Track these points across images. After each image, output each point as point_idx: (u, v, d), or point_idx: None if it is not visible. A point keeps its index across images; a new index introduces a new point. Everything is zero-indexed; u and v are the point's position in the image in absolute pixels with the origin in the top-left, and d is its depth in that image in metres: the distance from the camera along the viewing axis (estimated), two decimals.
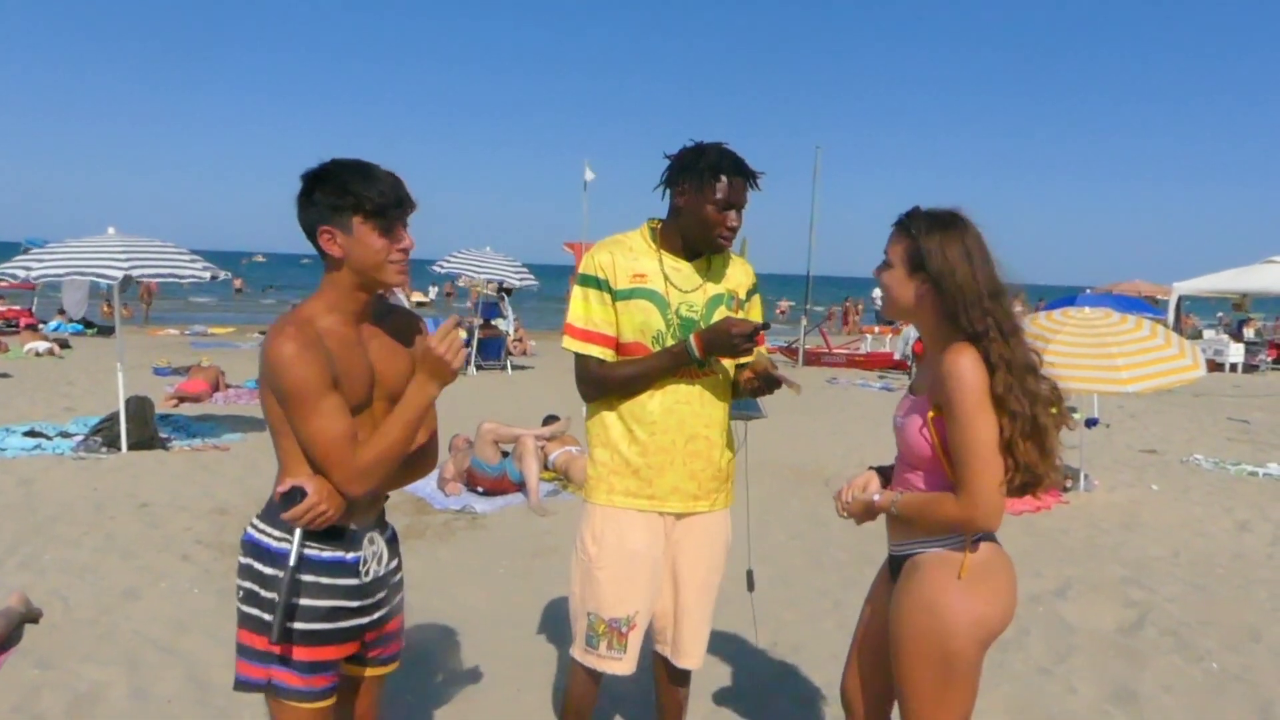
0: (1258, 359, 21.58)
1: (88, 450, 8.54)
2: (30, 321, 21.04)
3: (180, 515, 6.55)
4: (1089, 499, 7.85)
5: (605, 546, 2.79)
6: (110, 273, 8.41)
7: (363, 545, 2.24)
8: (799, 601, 5.11)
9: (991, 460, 2.19)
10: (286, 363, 2.04)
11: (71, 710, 3.68)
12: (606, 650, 2.81)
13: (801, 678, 4.17)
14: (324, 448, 2.08)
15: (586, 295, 2.79)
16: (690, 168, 2.69)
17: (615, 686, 3.91)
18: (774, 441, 9.96)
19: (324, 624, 2.18)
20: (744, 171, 2.71)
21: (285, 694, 2.17)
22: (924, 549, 2.34)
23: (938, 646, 2.25)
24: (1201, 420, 12.79)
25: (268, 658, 2.16)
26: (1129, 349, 7.30)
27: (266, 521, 2.20)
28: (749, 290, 2.95)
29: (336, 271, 2.16)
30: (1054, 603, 5.18)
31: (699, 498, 2.86)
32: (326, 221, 2.12)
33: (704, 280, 2.82)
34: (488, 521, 6.73)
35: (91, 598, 4.89)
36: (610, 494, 2.81)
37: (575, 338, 2.79)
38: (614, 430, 2.81)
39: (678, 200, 2.74)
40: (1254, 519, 7.29)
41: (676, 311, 2.76)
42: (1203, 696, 4.06)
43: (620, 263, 2.77)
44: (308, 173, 2.16)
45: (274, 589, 2.13)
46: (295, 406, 2.07)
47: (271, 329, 2.11)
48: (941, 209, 2.33)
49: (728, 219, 2.71)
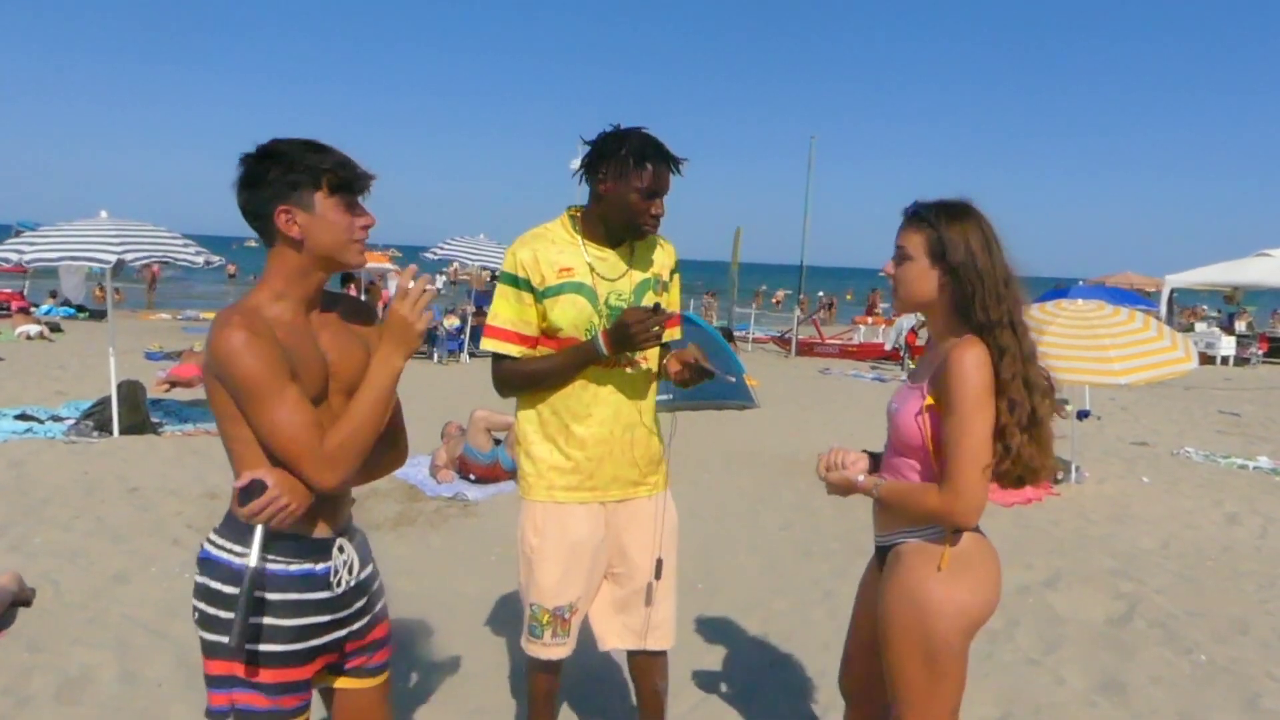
0: (1249, 352, 21.67)
1: (79, 434, 8.52)
2: (22, 305, 20.97)
3: (171, 500, 6.54)
4: (1079, 491, 7.88)
5: (547, 538, 2.78)
6: (103, 256, 8.38)
7: (332, 554, 2.07)
8: (790, 590, 5.12)
9: (980, 458, 2.19)
10: (237, 353, 1.87)
11: (61, 693, 3.68)
12: (551, 638, 2.81)
13: (792, 666, 4.18)
14: (288, 438, 1.90)
15: (506, 294, 2.74)
16: (612, 154, 2.61)
17: (598, 675, 3.93)
18: (766, 431, 9.97)
19: (293, 644, 2.01)
20: (668, 158, 2.66)
21: (251, 717, 1.99)
22: (906, 539, 2.35)
23: (921, 637, 2.26)
24: (1192, 413, 12.84)
25: (229, 682, 1.99)
26: (1121, 341, 7.32)
27: (226, 536, 2.01)
28: (671, 270, 2.90)
29: (290, 255, 2.00)
30: (1043, 594, 5.20)
31: (639, 483, 2.86)
32: (285, 200, 1.95)
33: (629, 267, 2.77)
34: (479, 509, 6.73)
35: (82, 581, 4.88)
36: (551, 490, 2.80)
37: (493, 337, 2.76)
38: (551, 425, 2.78)
39: (600, 188, 2.66)
40: (1243, 512, 7.32)
41: (606, 301, 2.73)
42: (1191, 688, 4.08)
43: (544, 258, 2.71)
44: (251, 153, 1.99)
45: (234, 609, 1.93)
46: (252, 399, 1.89)
47: (216, 320, 1.94)
48: (951, 199, 2.32)
49: (652, 206, 2.66)
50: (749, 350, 19.57)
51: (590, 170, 2.68)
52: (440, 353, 16.02)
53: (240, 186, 1.98)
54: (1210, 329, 23.20)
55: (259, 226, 2.00)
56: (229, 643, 1.93)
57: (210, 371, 1.95)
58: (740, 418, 10.84)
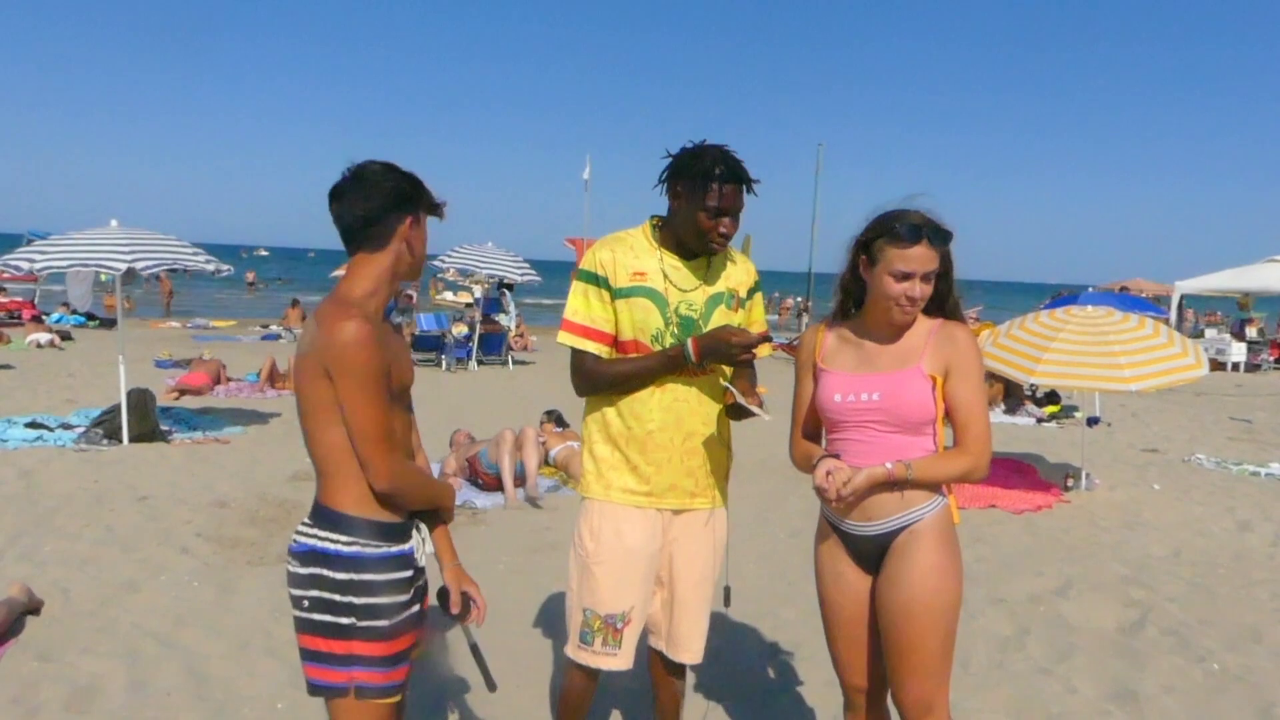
0: (1260, 358, 21.55)
1: (88, 442, 8.55)
2: (33, 313, 21.08)
3: (180, 508, 6.55)
4: (1090, 498, 7.84)
5: (603, 542, 2.79)
6: (113, 265, 8.42)
7: (411, 535, 2.28)
8: (798, 599, 5.09)
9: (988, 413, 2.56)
10: (361, 342, 2.06)
11: (70, 703, 3.68)
12: (601, 646, 2.81)
13: (801, 675, 4.16)
14: (375, 434, 2.11)
15: (586, 291, 2.78)
16: (686, 171, 2.66)
17: (613, 682, 3.91)
18: (774, 440, 9.95)
19: (397, 616, 2.21)
20: (740, 177, 2.68)
21: (371, 693, 2.19)
22: (917, 519, 2.51)
23: (947, 606, 2.48)
24: (1203, 419, 12.77)
25: (348, 660, 2.18)
26: (1131, 347, 7.28)
27: (323, 527, 2.19)
28: (750, 289, 2.93)
29: (384, 262, 2.22)
30: (1055, 602, 5.17)
31: (696, 494, 2.86)
32: (413, 212, 2.22)
33: (703, 279, 2.81)
34: (487, 517, 6.73)
35: (91, 590, 4.89)
36: (608, 490, 2.81)
37: (572, 333, 2.79)
38: (614, 426, 2.81)
39: (673, 202, 2.73)
40: (1255, 519, 7.27)
41: (676, 310, 2.76)
42: (1203, 697, 4.05)
43: (621, 260, 2.76)
44: (393, 165, 2.23)
45: (350, 592, 2.15)
46: (355, 389, 2.08)
47: (331, 312, 2.12)
48: (911, 210, 2.50)
49: (720, 225, 2.68)
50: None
51: (669, 184, 2.73)
52: (449, 360, 16.05)
53: (362, 194, 2.18)
54: (1221, 335, 23.11)
55: (371, 231, 2.19)
56: (487, 688, 2.51)
57: (318, 366, 2.10)
58: (747, 426, 10.79)
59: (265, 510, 6.56)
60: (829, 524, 2.68)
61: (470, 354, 16.54)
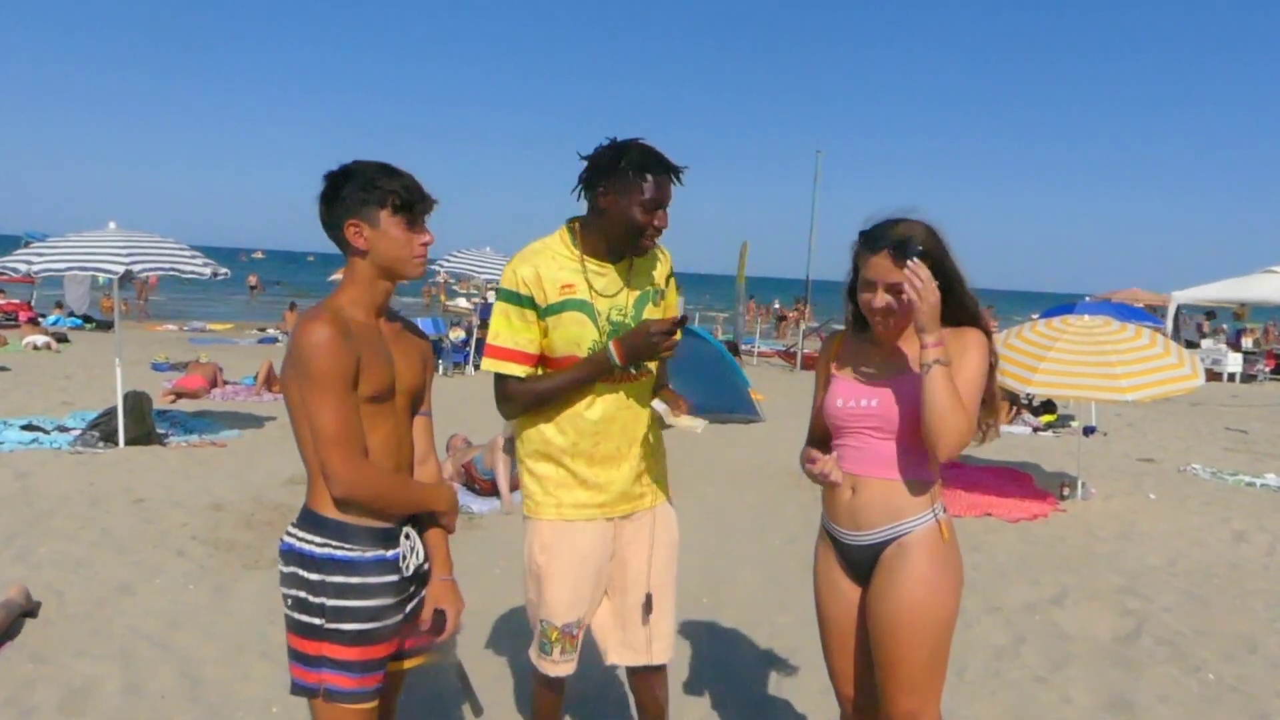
0: (1256, 369, 21.59)
1: (84, 445, 8.54)
2: (30, 315, 21.06)
3: (176, 511, 6.54)
4: (1086, 507, 7.84)
5: (555, 555, 2.76)
6: (111, 267, 8.42)
7: (400, 541, 2.28)
8: (794, 605, 5.09)
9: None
10: (318, 345, 2.09)
11: (64, 705, 3.68)
12: (560, 655, 2.80)
13: (797, 682, 4.16)
14: (333, 435, 2.12)
15: (507, 312, 2.68)
16: (611, 168, 2.57)
17: (600, 689, 3.91)
18: (771, 446, 9.95)
19: (372, 623, 2.21)
20: (668, 168, 2.61)
21: (339, 697, 2.20)
22: (909, 529, 2.49)
23: (938, 620, 2.45)
24: (1199, 430, 12.79)
25: (319, 662, 2.20)
26: (1128, 358, 7.29)
27: (304, 529, 2.22)
28: (667, 277, 2.87)
29: (361, 265, 2.24)
30: (1050, 611, 5.17)
31: (643, 495, 2.86)
32: (354, 215, 2.20)
33: (628, 280, 2.74)
34: (484, 522, 6.73)
35: (86, 592, 4.88)
36: (560, 508, 2.77)
37: (494, 357, 2.71)
38: (555, 443, 2.75)
39: (600, 202, 2.61)
40: (1251, 529, 7.28)
41: (607, 318, 2.70)
42: (1198, 707, 4.05)
43: (546, 275, 2.66)
44: (333, 171, 2.24)
45: (321, 594, 2.17)
46: (316, 392, 2.11)
47: (304, 316, 2.17)
48: (891, 221, 2.49)
49: (655, 219, 2.62)
50: (754, 364, 19.67)
51: (589, 185, 2.63)
52: (445, 365, 16.05)
53: (320, 200, 2.24)
54: (1217, 345, 23.15)
55: (334, 237, 2.25)
56: (473, 711, 2.60)
57: (291, 369, 2.15)
58: (745, 432, 10.82)
59: (261, 514, 6.56)
60: (826, 532, 2.69)
61: (467, 358, 16.55)
